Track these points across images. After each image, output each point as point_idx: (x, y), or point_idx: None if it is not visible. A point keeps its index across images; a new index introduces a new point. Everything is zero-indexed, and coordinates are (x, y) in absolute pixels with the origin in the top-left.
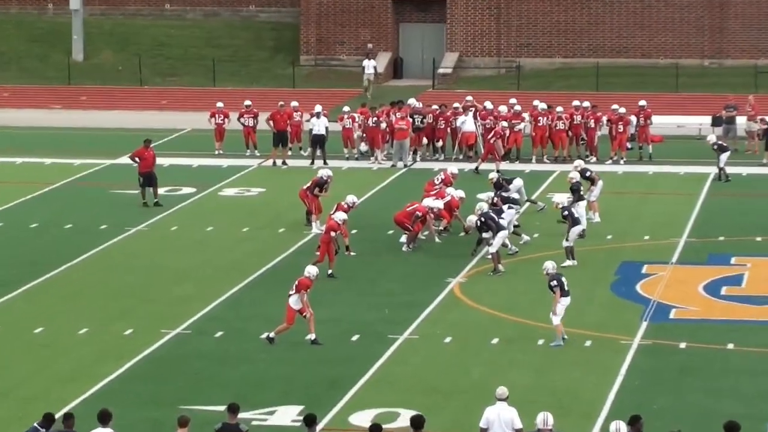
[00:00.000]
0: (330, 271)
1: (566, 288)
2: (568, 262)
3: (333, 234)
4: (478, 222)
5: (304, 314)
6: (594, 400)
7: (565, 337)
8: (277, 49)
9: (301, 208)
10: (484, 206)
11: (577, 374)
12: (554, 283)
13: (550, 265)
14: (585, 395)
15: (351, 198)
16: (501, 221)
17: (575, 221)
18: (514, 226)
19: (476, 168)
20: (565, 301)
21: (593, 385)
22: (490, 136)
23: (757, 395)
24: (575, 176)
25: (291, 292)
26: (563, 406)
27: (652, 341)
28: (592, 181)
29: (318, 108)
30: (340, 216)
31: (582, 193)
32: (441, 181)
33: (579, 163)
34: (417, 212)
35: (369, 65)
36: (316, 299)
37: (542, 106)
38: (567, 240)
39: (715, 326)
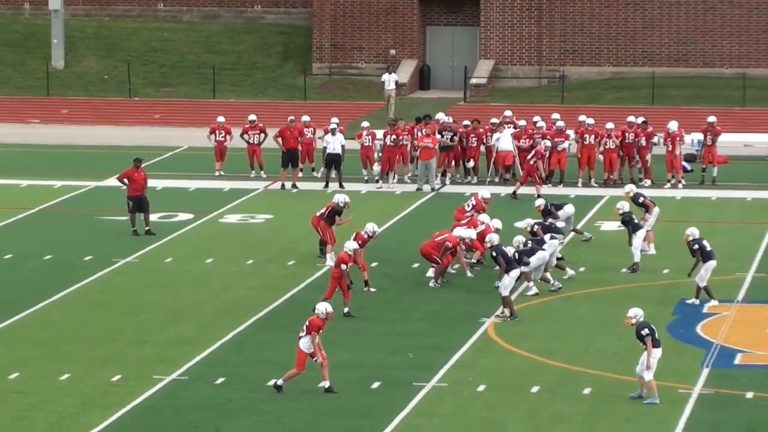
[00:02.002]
0: (346, 310)
1: (657, 337)
2: (714, 302)
3: (344, 267)
4: (492, 254)
5: (315, 359)
6: None
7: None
8: (286, 55)
9: (314, 238)
10: (522, 239)
11: (629, 429)
12: (646, 331)
13: (639, 312)
14: None
15: (371, 226)
16: (541, 253)
17: (707, 255)
18: (558, 259)
19: (514, 193)
20: (658, 353)
21: None
22: (529, 156)
23: None
24: (624, 206)
25: (301, 334)
26: None
27: (715, 391)
28: (646, 208)
29: (333, 123)
30: (350, 246)
31: (637, 221)
32: (472, 207)
33: (630, 188)
34: (446, 243)
35: (390, 80)
36: (330, 341)
37: (589, 121)
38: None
39: None
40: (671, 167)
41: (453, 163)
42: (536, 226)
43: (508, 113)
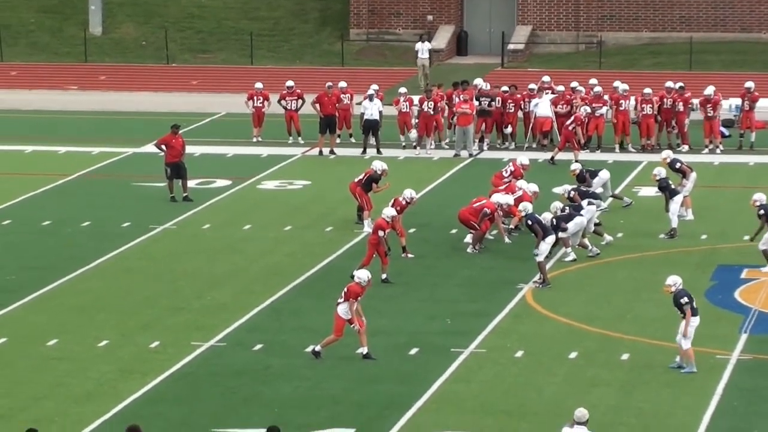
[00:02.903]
0: (384, 276)
1: (695, 305)
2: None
3: (382, 234)
4: (526, 222)
5: (353, 325)
6: (686, 424)
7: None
8: (323, 21)
9: (352, 204)
10: (559, 205)
11: (667, 394)
12: (685, 300)
13: (678, 280)
14: (675, 418)
15: (409, 192)
16: (579, 219)
17: None
18: (595, 225)
19: (552, 158)
20: (695, 321)
21: (685, 407)
22: (569, 122)
23: None
24: (660, 172)
25: (340, 300)
26: (651, 431)
27: (753, 356)
28: (683, 173)
29: (372, 89)
30: (388, 212)
31: (674, 187)
32: (510, 173)
33: (667, 153)
34: (484, 209)
35: (423, 48)
36: (368, 308)
37: (623, 87)
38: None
39: None
40: (709, 133)
41: (491, 128)
42: (573, 192)
43: (546, 79)
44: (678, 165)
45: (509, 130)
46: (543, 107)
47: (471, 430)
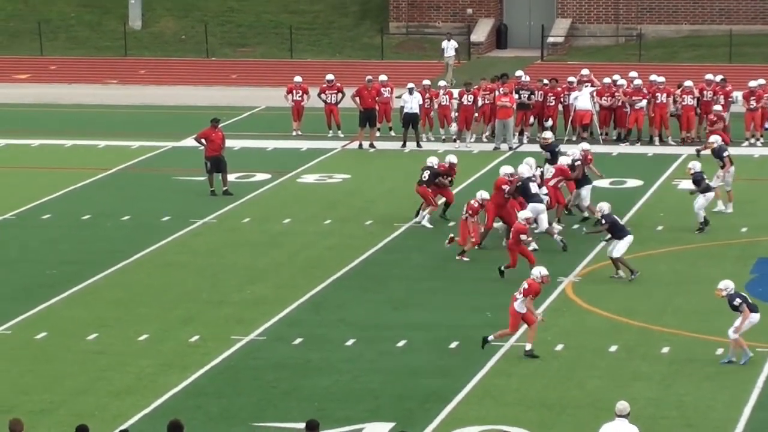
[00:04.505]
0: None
1: (751, 302)
2: None
3: (524, 237)
4: (601, 221)
5: (541, 319)
6: (726, 418)
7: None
8: (363, 15)
9: (392, 198)
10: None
11: (708, 387)
12: (738, 301)
13: (730, 285)
14: (716, 412)
15: (480, 194)
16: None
17: None
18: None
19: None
20: (755, 318)
21: (726, 400)
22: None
23: None
24: (695, 166)
25: (517, 296)
26: (691, 423)
27: None
28: (724, 164)
29: (413, 84)
30: (524, 215)
31: (708, 182)
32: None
33: (716, 138)
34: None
35: (449, 47)
36: (408, 300)
37: (660, 80)
38: None
39: None
40: (750, 125)
41: (531, 121)
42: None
43: (585, 72)
44: (725, 154)
45: (549, 123)
46: (582, 100)
47: (511, 424)
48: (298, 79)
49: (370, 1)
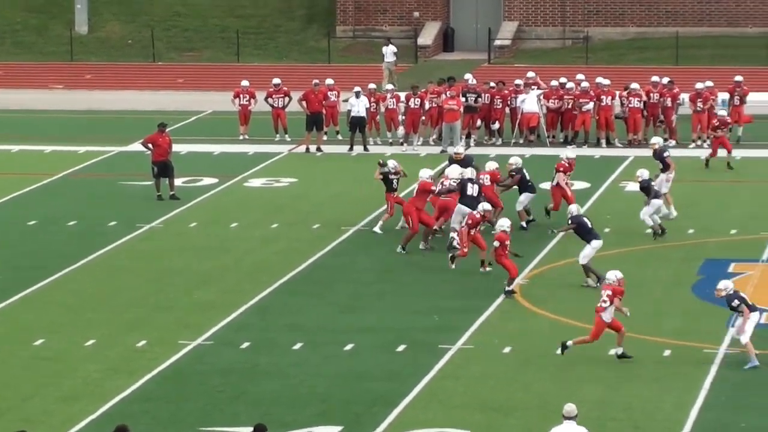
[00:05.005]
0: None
1: (750, 303)
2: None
3: (506, 244)
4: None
5: (625, 312)
6: (674, 419)
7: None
8: (309, 18)
9: (338, 202)
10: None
11: (655, 389)
12: (736, 302)
13: (729, 285)
14: (664, 413)
15: (481, 207)
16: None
17: None
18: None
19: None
20: (755, 317)
21: (673, 402)
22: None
23: None
24: (643, 173)
25: (603, 305)
26: (639, 425)
27: (740, 350)
28: (666, 166)
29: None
30: (505, 223)
31: (654, 185)
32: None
33: (658, 140)
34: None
35: (388, 52)
36: (355, 304)
37: (605, 82)
38: None
39: None
40: (696, 127)
41: (478, 124)
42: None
43: (531, 74)
44: (666, 155)
45: (496, 126)
46: (529, 103)
47: (459, 427)
48: (245, 83)
49: (316, 5)
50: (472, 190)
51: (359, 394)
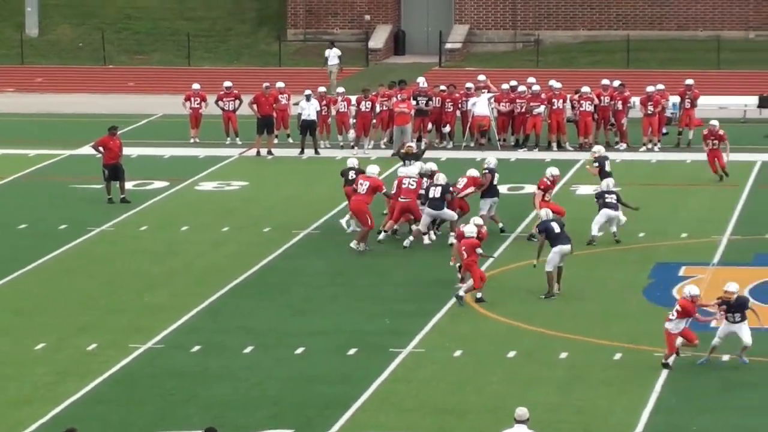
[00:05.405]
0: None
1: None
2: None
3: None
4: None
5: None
6: (625, 422)
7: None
8: (260, 21)
9: (289, 205)
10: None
11: (606, 392)
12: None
13: (738, 287)
14: (615, 416)
15: (472, 223)
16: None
17: None
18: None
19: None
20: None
21: (624, 405)
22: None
23: None
24: (600, 149)
25: (671, 317)
26: (590, 428)
27: (691, 353)
28: (601, 175)
29: (312, 90)
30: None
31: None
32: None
33: (599, 149)
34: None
35: (332, 55)
36: (306, 307)
37: (556, 85)
38: None
39: (765, 336)
40: (647, 130)
41: (429, 128)
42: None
43: (481, 78)
44: (605, 164)
45: (447, 129)
46: (480, 106)
47: (411, 430)
48: (196, 86)
49: (267, 7)
50: (434, 192)
51: (311, 397)
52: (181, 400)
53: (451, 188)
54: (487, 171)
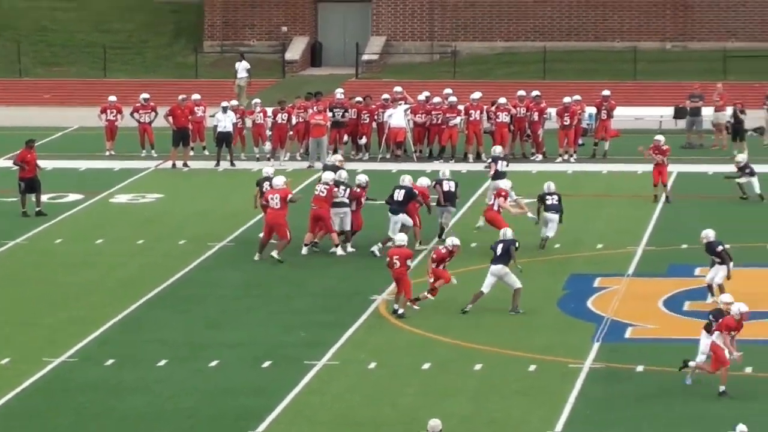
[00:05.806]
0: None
1: None
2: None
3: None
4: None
5: (733, 356)
6: None
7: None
8: (177, 33)
9: (205, 217)
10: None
11: (521, 403)
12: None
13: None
14: (529, 427)
15: (450, 241)
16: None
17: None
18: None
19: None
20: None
21: (540, 415)
22: None
23: (722, 424)
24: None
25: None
26: None
27: (605, 364)
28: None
29: (228, 102)
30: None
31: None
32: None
33: (498, 149)
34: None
35: (241, 68)
36: (221, 319)
37: (474, 96)
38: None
39: (677, 346)
40: (563, 141)
41: (345, 139)
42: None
43: (398, 89)
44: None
45: (363, 140)
46: (396, 117)
47: None
48: (112, 98)
49: (184, 20)
50: (398, 195)
51: (225, 410)
52: (95, 413)
53: (417, 195)
54: (435, 182)
